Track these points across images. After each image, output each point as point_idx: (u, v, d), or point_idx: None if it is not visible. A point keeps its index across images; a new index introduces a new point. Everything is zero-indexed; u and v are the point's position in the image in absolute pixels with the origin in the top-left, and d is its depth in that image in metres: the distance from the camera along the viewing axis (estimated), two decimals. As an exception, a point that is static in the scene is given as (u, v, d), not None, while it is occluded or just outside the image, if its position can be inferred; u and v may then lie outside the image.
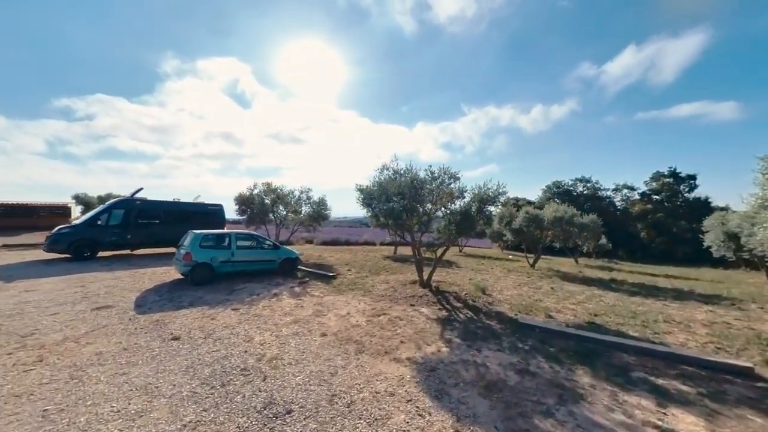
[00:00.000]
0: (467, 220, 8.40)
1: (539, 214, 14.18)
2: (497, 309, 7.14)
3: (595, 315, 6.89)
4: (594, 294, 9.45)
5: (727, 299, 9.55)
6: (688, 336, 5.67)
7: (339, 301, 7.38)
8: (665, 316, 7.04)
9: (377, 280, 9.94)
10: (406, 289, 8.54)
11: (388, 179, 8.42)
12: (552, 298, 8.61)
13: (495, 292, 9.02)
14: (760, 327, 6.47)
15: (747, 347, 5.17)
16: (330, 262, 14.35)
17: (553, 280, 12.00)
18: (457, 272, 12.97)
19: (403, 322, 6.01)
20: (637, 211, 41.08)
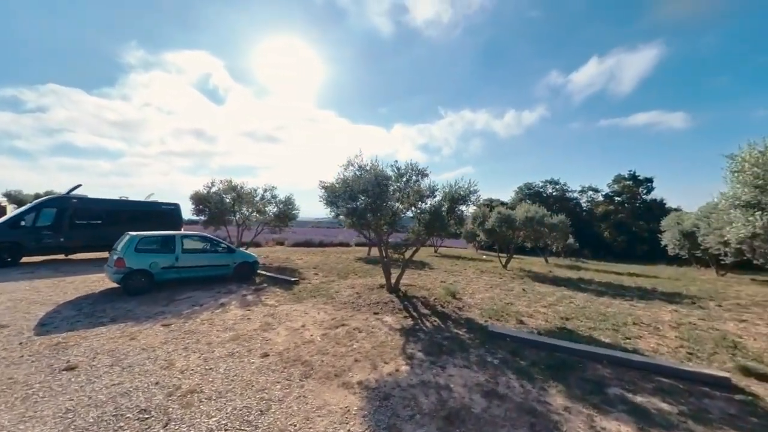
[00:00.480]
0: (437, 219, 7.87)
1: (511, 215, 14.06)
2: (467, 315, 6.63)
3: (566, 319, 6.56)
4: (564, 295, 9.27)
5: (687, 297, 9.71)
6: (659, 340, 5.43)
7: (295, 311, 6.56)
8: (634, 317, 6.86)
9: (343, 285, 9.19)
10: (372, 295, 7.86)
11: (353, 176, 7.71)
12: (523, 300, 8.27)
13: (466, 295, 8.56)
14: (722, 327, 6.42)
15: (716, 351, 4.97)
16: (297, 265, 13.41)
17: (524, 281, 11.82)
18: (429, 274, 12.49)
19: (363, 334, 5.32)
20: (600, 211, 43.15)
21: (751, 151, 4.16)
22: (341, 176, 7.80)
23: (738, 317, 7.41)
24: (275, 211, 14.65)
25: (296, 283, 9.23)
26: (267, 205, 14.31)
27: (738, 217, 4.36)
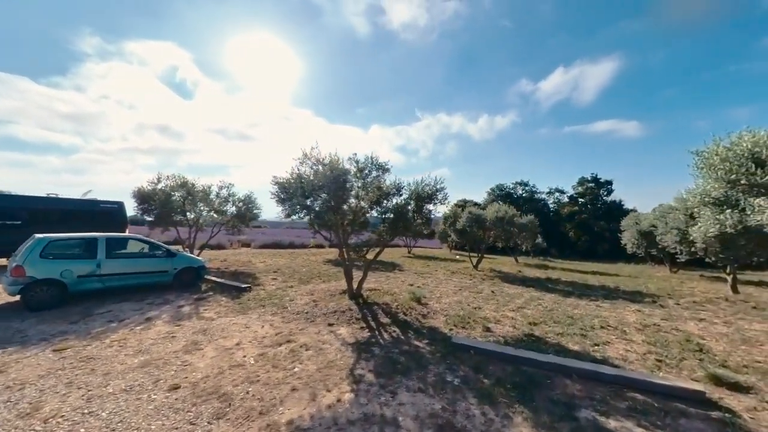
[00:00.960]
0: (401, 219, 7.25)
1: (481, 215, 13.83)
2: (431, 323, 6.04)
3: (534, 324, 6.16)
4: (533, 296, 9.01)
5: (648, 296, 9.82)
6: (627, 346, 5.12)
7: (235, 325, 5.64)
8: (601, 320, 6.62)
9: (301, 291, 8.33)
10: (331, 302, 7.08)
11: (310, 171, 6.90)
12: (492, 304, 7.86)
13: (433, 300, 8.02)
14: (685, 327, 6.31)
15: (684, 356, 4.71)
16: (257, 269, 12.31)
17: (494, 282, 11.54)
18: (398, 276, 11.89)
19: (310, 352, 4.54)
20: (566, 212, 45.06)
21: (719, 146, 3.86)
22: (296, 171, 6.96)
23: (696, 316, 7.43)
24: (234, 211, 13.41)
25: (247, 291, 8.24)
26: (224, 204, 13.05)
27: (707, 216, 4.08)
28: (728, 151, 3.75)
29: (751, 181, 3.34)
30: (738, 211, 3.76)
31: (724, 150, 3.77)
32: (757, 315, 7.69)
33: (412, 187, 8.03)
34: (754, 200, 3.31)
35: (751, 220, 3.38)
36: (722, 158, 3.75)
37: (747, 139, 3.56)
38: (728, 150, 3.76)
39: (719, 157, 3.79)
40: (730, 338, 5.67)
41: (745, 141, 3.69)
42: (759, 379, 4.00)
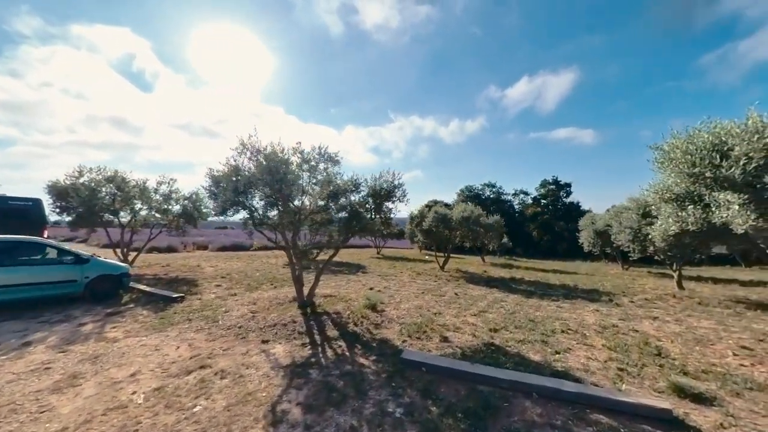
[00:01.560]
0: (356, 218, 6.53)
1: (447, 214, 13.49)
2: (384, 335, 5.36)
3: (495, 330, 5.70)
4: (496, 298, 8.68)
5: (604, 294, 9.92)
6: (588, 353, 4.77)
7: (143, 347, 4.57)
8: (561, 323, 6.34)
9: (244, 300, 7.31)
10: (273, 313, 6.18)
11: (249, 163, 5.96)
12: (453, 308, 7.37)
13: (391, 305, 7.37)
14: (641, 328, 6.19)
15: (645, 362, 4.43)
16: (204, 274, 10.99)
17: (459, 284, 11.18)
18: (360, 280, 11.14)
19: (225, 381, 3.65)
20: (530, 213, 46.93)
21: (679, 139, 3.53)
22: (232, 162, 5.99)
23: (650, 314, 7.45)
24: (178, 210, 11.92)
25: (178, 301, 7.06)
26: (166, 203, 11.53)
27: (668, 213, 3.77)
28: (689, 143, 3.43)
29: (716, 174, 3.00)
30: (701, 207, 3.48)
31: (685, 143, 3.45)
32: (703, 311, 7.90)
33: (370, 183, 7.37)
34: (718, 195, 2.97)
35: (716, 217, 3.05)
36: (683, 151, 3.43)
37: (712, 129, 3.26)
38: (689, 142, 3.44)
39: (680, 150, 3.47)
40: (684, 338, 5.57)
41: (705, 134, 3.39)
42: (719, 387, 3.75)
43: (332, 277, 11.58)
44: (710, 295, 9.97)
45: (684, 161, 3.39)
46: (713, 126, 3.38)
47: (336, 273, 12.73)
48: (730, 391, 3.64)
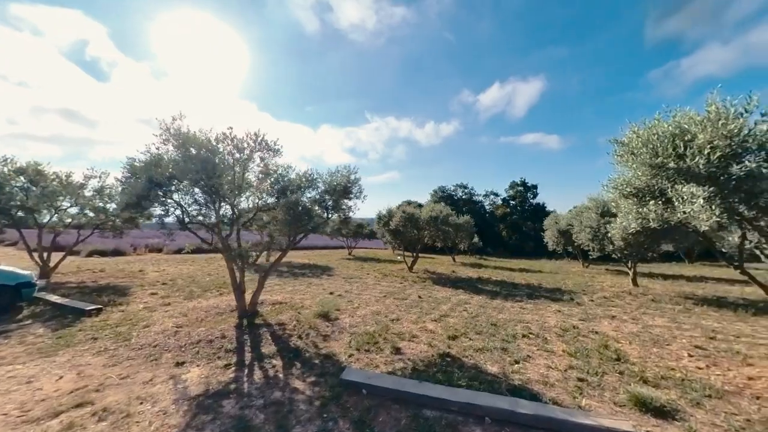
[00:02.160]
0: (305, 216, 5.81)
1: (415, 214, 13.08)
2: (330, 348, 4.70)
3: (453, 338, 5.23)
4: (460, 300, 8.31)
5: (566, 293, 9.93)
6: (549, 360, 4.42)
7: (11, 379, 3.57)
8: (523, 326, 6.03)
9: (175, 311, 6.32)
10: (203, 327, 5.30)
11: (175, 151, 5.05)
12: (414, 313, 6.86)
13: (347, 312, 6.72)
14: (601, 329, 6.03)
15: (604, 369, 4.13)
16: (143, 280, 9.72)
17: (425, 285, 10.76)
18: (322, 283, 10.37)
19: (103, 425, 2.82)
20: (499, 213, 48.26)
21: (640, 129, 3.20)
22: (154, 150, 5.05)
23: (608, 313, 7.40)
24: (115, 209, 10.44)
25: (92, 314, 5.94)
26: (97, 200, 10.05)
27: (628, 209, 3.46)
28: (651, 133, 3.11)
29: (679, 164, 2.66)
30: (662, 202, 3.19)
31: (646, 132, 3.12)
32: (657, 308, 8.02)
33: (326, 178, 6.71)
34: (682, 188, 2.64)
35: (678, 212, 2.73)
36: (644, 141, 3.10)
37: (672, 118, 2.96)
38: (651, 132, 3.12)
39: (641, 139, 3.14)
40: (641, 339, 5.43)
41: (665, 124, 3.08)
42: (679, 395, 3.49)
43: (291, 281, 10.71)
44: (662, 291, 10.30)
45: (645, 152, 3.06)
46: (673, 115, 3.08)
47: (298, 276, 11.86)
48: (690, 400, 3.37)
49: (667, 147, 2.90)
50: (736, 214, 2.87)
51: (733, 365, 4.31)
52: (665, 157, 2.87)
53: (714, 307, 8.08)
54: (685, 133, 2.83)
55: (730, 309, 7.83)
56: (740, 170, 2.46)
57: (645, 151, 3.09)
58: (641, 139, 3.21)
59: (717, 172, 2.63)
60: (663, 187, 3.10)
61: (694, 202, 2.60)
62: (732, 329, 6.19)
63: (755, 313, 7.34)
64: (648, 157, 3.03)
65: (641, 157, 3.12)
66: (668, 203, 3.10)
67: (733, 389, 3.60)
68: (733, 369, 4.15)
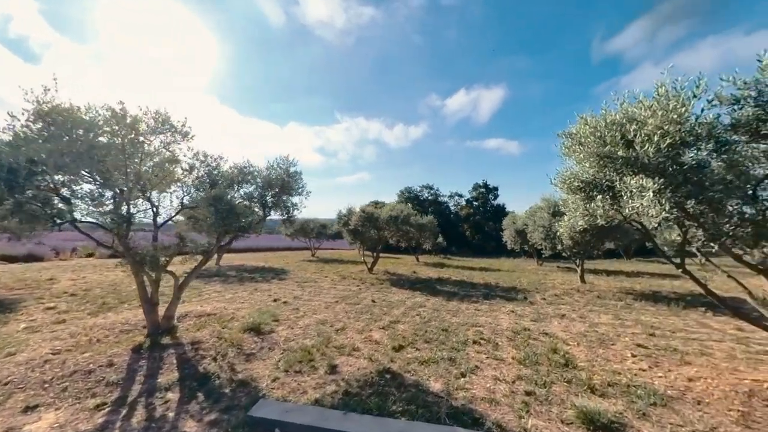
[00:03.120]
0: (230, 215, 4.94)
1: (374, 213, 12.51)
2: (251, 371, 3.91)
3: (399, 349, 4.69)
4: (415, 303, 7.85)
5: (521, 292, 9.95)
6: (497, 371, 4.02)
7: None
8: (475, 330, 5.67)
9: (68, 331, 5.09)
10: (92, 350, 4.22)
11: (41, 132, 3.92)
12: (363, 320, 6.25)
13: (288, 323, 5.92)
14: (551, 330, 5.86)
15: (553, 379, 3.82)
16: (49, 291, 8.06)
17: (382, 287, 10.21)
18: (269, 289, 9.38)
19: None
20: (463, 214, 49.60)
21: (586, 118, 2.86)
22: (15, 129, 3.88)
23: (558, 312, 7.38)
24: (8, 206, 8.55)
25: (-62, 341, 4.54)
26: None
27: (576, 204, 3.14)
28: (599, 121, 2.77)
29: (628, 153, 2.31)
30: (610, 196, 2.90)
31: (594, 120, 2.78)
32: (602, 305, 8.20)
33: (264, 172, 5.89)
34: (630, 180, 2.30)
35: (626, 206, 2.40)
36: (592, 129, 2.75)
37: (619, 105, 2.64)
38: (599, 120, 2.78)
39: (589, 127, 2.79)
40: (588, 339, 5.31)
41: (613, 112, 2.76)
42: (626, 406, 3.23)
43: (235, 287, 9.59)
44: (606, 288, 10.74)
45: (593, 140, 2.73)
46: (621, 102, 2.77)
47: (245, 281, 10.73)
48: (636, 411, 3.12)
49: (615, 134, 2.59)
50: (682, 210, 2.61)
51: (672, 364, 4.24)
52: (613, 145, 2.56)
53: (651, 302, 8.45)
54: (634, 120, 2.53)
55: (664, 303, 8.22)
56: (691, 159, 2.21)
57: (593, 140, 2.77)
58: (589, 127, 2.89)
59: (667, 162, 2.36)
60: (611, 179, 2.81)
61: (644, 195, 2.29)
62: (668, 324, 6.37)
63: (685, 307, 7.74)
64: (595, 147, 2.71)
65: (588, 146, 2.80)
66: (616, 198, 2.82)
67: (676, 394, 3.44)
68: (673, 369, 4.05)
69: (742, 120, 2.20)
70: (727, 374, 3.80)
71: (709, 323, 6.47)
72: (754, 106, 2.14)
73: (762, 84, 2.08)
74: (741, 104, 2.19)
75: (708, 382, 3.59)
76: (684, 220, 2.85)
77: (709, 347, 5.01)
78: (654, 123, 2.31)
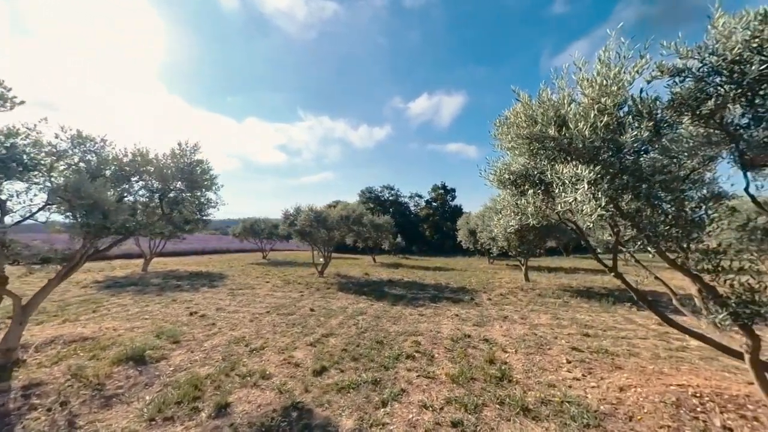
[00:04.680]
0: (92, 211, 3.76)
1: (322, 213, 11.56)
2: (97, 425, 2.84)
3: (319, 372, 3.90)
4: (356, 311, 7.12)
5: (469, 292, 9.75)
6: (426, 395, 3.43)
7: None
8: (413, 341, 5.10)
9: None
10: None
11: None
12: (291, 334, 5.35)
13: (191, 344, 4.81)
14: (491, 335, 5.51)
15: (485, 399, 3.32)
16: None
17: (327, 293, 9.33)
18: (192, 299, 7.97)
19: None
20: (423, 214, 50.31)
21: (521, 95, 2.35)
22: None
23: (502, 313, 7.17)
24: None
25: None
26: None
27: (507, 201, 2.63)
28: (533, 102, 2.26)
29: (561, 134, 1.79)
30: (542, 191, 2.43)
31: (526, 96, 2.25)
32: (542, 303, 8.22)
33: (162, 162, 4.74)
34: (563, 168, 1.80)
35: (559, 201, 1.90)
36: (525, 107, 2.24)
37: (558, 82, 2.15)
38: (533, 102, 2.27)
39: (522, 104, 2.27)
40: (526, 344, 5.02)
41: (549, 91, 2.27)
42: (558, 428, 2.80)
43: (150, 298, 8.03)
44: (546, 285, 11.03)
45: (524, 120, 2.22)
46: (559, 78, 2.29)
47: (166, 291, 9.12)
48: (570, 437, 2.70)
49: (548, 112, 2.11)
50: (616, 207, 2.19)
51: (605, 370, 4.03)
52: (545, 124, 2.08)
53: (585, 298, 8.70)
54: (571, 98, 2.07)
55: (597, 300, 8.50)
56: (629, 139, 1.80)
57: (523, 119, 2.26)
58: (522, 105, 2.38)
59: (603, 146, 1.93)
60: (543, 170, 2.34)
61: (578, 187, 1.82)
62: (600, 322, 6.42)
63: (614, 302, 8.04)
64: (526, 127, 2.21)
65: (519, 127, 2.29)
66: (549, 193, 2.37)
67: (608, 409, 3.12)
68: (605, 377, 3.81)
69: (684, 95, 1.83)
70: (654, 380, 3.63)
71: (635, 318, 6.68)
72: (695, 80, 1.78)
73: (706, 51, 1.71)
74: (682, 77, 1.83)
75: (638, 392, 3.35)
76: (617, 219, 2.45)
77: (636, 346, 4.99)
78: (591, 95, 1.86)
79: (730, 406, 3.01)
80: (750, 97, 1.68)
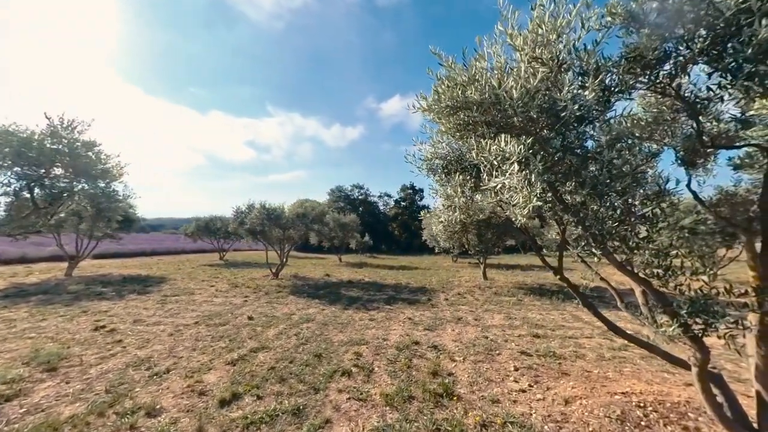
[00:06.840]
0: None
1: (276, 211, 10.57)
2: None
3: (228, 402, 3.14)
4: (303, 317, 6.36)
5: (427, 293, 9.38)
6: (352, 426, 2.83)
7: None
8: (355, 351, 4.49)
9: None
10: None
11: None
12: (210, 352, 4.47)
13: (79, 367, 3.78)
14: (441, 341, 5.07)
15: (419, 425, 2.78)
16: None
17: (276, 297, 8.42)
18: (105, 311, 6.65)
19: None
20: (392, 213, 50.15)
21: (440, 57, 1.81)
22: None
23: (456, 314, 6.81)
24: None
25: None
26: None
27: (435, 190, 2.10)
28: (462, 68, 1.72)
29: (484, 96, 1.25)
30: (472, 176, 1.93)
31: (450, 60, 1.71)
32: (497, 303, 8.04)
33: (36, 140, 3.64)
34: (490, 146, 1.27)
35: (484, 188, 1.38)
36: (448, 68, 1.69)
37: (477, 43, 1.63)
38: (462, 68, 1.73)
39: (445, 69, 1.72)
40: (476, 350, 4.63)
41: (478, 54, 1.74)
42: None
43: (54, 309, 6.60)
44: (503, 283, 11.04)
45: (447, 87, 1.68)
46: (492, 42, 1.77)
47: (83, 299, 7.63)
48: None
49: (474, 76, 1.60)
50: (558, 198, 1.74)
51: (551, 377, 3.71)
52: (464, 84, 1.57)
53: (537, 296, 8.69)
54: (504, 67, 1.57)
55: (548, 297, 8.52)
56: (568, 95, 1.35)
57: (447, 86, 1.74)
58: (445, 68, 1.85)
59: (539, 116, 1.46)
60: (470, 147, 1.84)
61: (506, 168, 1.33)
62: (550, 321, 6.29)
63: (563, 300, 8.08)
64: (448, 90, 1.69)
65: (444, 97, 1.76)
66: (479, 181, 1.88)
67: (552, 428, 2.74)
68: (552, 386, 3.49)
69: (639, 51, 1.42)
70: (599, 387, 3.36)
71: (582, 316, 6.65)
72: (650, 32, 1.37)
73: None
74: (638, 24, 1.40)
75: (583, 405, 3.03)
76: (562, 214, 2.02)
77: (582, 346, 4.82)
78: (525, 51, 1.38)
79: (672, 416, 2.77)
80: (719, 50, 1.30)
